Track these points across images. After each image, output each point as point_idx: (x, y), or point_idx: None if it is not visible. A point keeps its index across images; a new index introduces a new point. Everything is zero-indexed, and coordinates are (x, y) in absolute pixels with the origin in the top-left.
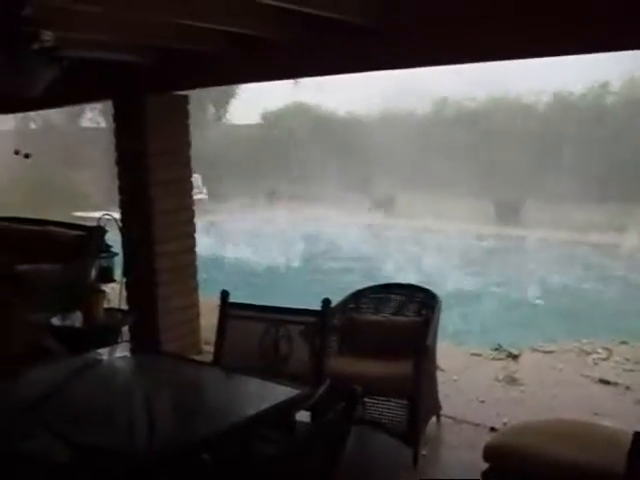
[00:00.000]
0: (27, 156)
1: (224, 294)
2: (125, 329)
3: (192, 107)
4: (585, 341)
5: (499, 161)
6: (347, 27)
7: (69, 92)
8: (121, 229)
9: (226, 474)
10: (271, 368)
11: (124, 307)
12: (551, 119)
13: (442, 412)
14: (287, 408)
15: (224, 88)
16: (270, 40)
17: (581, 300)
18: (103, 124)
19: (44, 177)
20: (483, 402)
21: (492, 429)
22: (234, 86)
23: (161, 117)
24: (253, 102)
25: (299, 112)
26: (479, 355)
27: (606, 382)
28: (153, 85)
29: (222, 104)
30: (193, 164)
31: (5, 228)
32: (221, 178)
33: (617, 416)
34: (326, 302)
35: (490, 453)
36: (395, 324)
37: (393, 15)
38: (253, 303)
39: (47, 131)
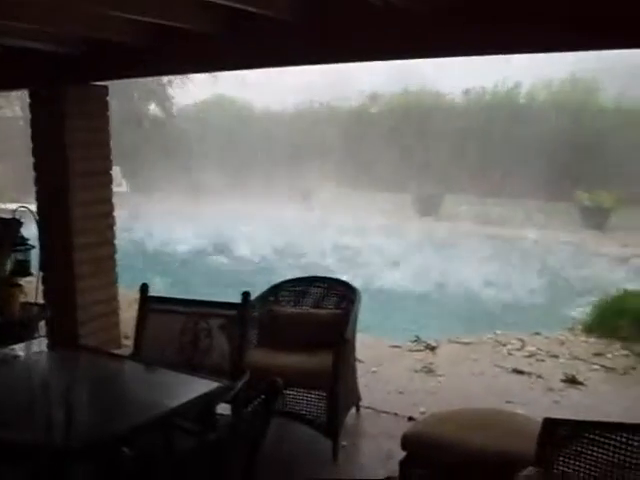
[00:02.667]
0: None
1: (143, 287)
2: (42, 323)
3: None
4: (500, 332)
5: (421, 156)
6: (271, 22)
7: None
8: (38, 221)
9: (147, 467)
10: (191, 361)
11: (41, 301)
12: (467, 115)
13: (361, 403)
14: (207, 401)
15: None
16: (193, 33)
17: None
18: (20, 113)
19: None
20: (401, 393)
21: (410, 419)
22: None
23: (80, 107)
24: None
25: (219, 106)
26: (398, 347)
27: (519, 372)
28: (72, 75)
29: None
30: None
31: None
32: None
33: (529, 404)
34: (245, 295)
35: (407, 442)
36: (314, 316)
37: (318, 11)
38: (173, 296)
39: None
